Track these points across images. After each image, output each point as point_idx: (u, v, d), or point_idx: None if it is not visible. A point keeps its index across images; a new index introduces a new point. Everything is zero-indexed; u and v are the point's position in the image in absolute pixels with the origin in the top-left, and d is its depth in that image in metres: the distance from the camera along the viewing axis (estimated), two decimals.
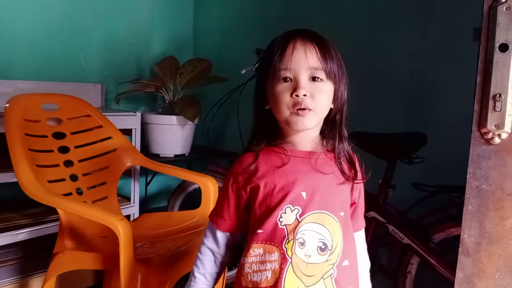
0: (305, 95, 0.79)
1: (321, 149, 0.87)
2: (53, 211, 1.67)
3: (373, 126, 1.70)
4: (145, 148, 2.32)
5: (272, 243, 0.82)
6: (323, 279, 0.82)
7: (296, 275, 0.80)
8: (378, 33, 1.98)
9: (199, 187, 1.73)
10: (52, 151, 1.65)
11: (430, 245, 1.55)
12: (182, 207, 2.12)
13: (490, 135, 0.81)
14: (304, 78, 0.80)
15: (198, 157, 2.49)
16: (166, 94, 2.41)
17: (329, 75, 0.82)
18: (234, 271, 1.99)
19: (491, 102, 0.79)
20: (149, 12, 2.69)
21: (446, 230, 1.53)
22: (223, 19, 2.74)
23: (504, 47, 0.79)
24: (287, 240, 0.81)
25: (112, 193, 1.78)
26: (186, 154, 2.41)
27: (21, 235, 1.72)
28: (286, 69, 0.80)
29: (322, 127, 0.88)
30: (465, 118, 0.87)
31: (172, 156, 2.33)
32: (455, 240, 0.86)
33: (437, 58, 1.80)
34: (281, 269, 0.80)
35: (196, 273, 0.94)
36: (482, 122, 0.80)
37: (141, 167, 2.03)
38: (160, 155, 2.31)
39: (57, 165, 1.66)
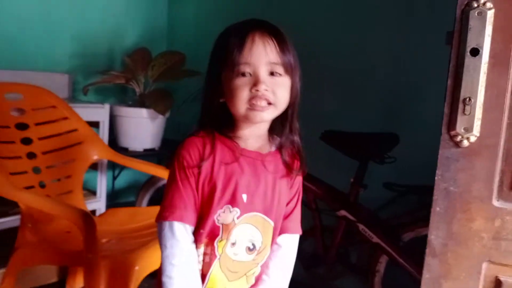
0: (266, 90, 0.78)
1: (269, 146, 0.87)
2: (14, 204, 1.60)
3: (346, 125, 1.71)
4: (113, 142, 2.25)
5: (207, 238, 0.83)
6: (246, 275, 0.86)
7: (221, 270, 0.83)
8: (356, 34, 1.99)
9: None
10: (14, 142, 1.59)
11: (399, 244, 1.57)
12: (151, 203, 2.08)
13: (459, 138, 0.82)
14: (263, 73, 0.78)
15: (169, 151, 2.44)
16: (137, 86, 2.35)
17: (287, 70, 0.80)
18: None
19: (460, 105, 0.80)
20: (123, 1, 2.61)
21: (415, 229, 1.55)
22: (199, 11, 2.69)
23: (475, 52, 0.80)
24: (220, 239, 0.82)
25: (77, 187, 1.72)
26: (156, 149, 2.36)
27: None
28: (245, 63, 0.77)
29: (271, 124, 0.87)
30: (436, 120, 0.87)
31: (142, 150, 2.28)
32: (424, 240, 0.86)
33: (412, 59, 1.83)
34: (209, 263, 0.83)
35: None
36: (452, 125, 0.81)
37: (108, 160, 1.98)
38: (129, 149, 2.25)
39: (19, 157, 1.59)
